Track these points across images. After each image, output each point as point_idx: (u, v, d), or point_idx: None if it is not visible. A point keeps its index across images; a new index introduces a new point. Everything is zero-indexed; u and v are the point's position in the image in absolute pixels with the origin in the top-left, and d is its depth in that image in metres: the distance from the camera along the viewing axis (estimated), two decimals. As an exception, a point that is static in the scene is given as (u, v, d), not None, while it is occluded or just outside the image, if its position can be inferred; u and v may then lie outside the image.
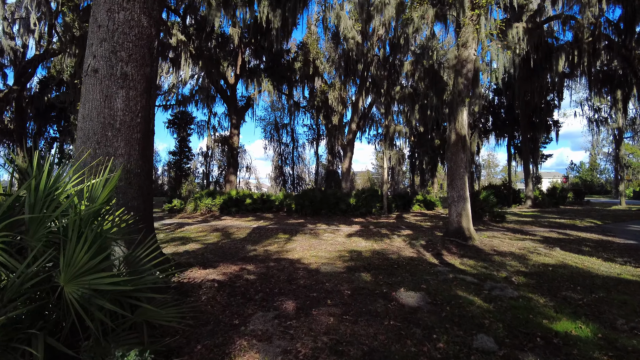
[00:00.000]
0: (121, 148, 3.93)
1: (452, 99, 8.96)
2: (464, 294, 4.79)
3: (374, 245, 8.91)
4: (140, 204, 4.09)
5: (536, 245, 8.78)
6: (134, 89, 4.01)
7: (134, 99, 4.03)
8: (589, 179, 59.97)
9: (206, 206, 18.73)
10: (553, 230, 12.24)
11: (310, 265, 6.43)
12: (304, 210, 17.20)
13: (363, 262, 6.89)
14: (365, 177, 58.71)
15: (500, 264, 6.85)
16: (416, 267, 6.54)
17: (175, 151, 39.52)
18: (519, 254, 7.79)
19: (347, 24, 20.00)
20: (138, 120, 4.06)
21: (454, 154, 8.90)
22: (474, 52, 8.90)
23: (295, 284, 4.96)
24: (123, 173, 3.91)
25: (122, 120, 3.94)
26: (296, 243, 9.34)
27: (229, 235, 11.16)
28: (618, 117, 24.31)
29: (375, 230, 11.85)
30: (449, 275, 5.82)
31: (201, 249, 8.48)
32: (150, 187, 4.36)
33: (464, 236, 8.64)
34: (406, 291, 4.81)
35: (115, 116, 3.91)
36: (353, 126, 21.40)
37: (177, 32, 20.78)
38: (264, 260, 6.86)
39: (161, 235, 11.41)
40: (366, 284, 5.18)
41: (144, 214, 4.19)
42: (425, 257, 7.51)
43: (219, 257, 7.27)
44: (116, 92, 3.91)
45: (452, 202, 8.94)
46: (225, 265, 6.06)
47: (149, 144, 4.26)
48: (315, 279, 5.31)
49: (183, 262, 5.84)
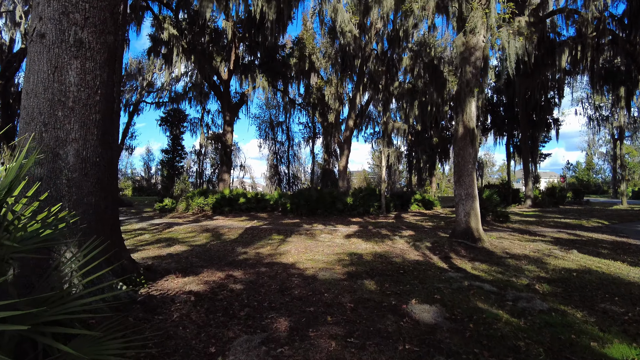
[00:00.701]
0: (75, 131, 3.19)
1: (460, 90, 8.30)
2: (486, 306, 4.11)
3: (375, 248, 8.22)
4: (99, 200, 3.36)
5: (550, 247, 8.14)
6: (91, 60, 3.27)
7: (92, 73, 3.29)
8: (585, 178, 59.87)
9: (198, 205, 17.93)
10: (561, 230, 11.64)
11: (306, 270, 5.71)
12: (299, 210, 16.48)
13: (365, 266, 6.19)
14: (361, 176, 58.15)
15: (517, 268, 6.19)
16: (424, 272, 5.85)
17: (168, 149, 38.60)
18: (534, 257, 7.14)
19: (344, 17, 19.27)
20: (97, 98, 3.32)
21: (462, 148, 8.23)
22: (483, 39, 8.24)
23: (288, 295, 4.24)
24: (77, 162, 3.18)
25: (76, 97, 3.20)
26: (291, 245, 8.62)
27: (219, 236, 10.41)
28: (620, 115, 23.89)
29: (375, 231, 11.16)
30: (464, 283, 5.13)
31: (186, 252, 7.73)
32: (113, 180, 3.63)
33: (472, 237, 7.97)
34: (419, 303, 4.11)
35: (67, 92, 3.17)
36: (350, 123, 20.72)
37: (169, 26, 20.00)
38: (255, 265, 6.13)
39: (147, 236, 10.65)
40: (371, 294, 4.47)
41: (105, 212, 3.45)
42: (433, 261, 6.83)
43: (204, 262, 6.53)
44: (69, 62, 3.17)
45: (459, 201, 8.27)
46: (209, 271, 5.32)
47: (111, 128, 3.52)
48: (312, 288, 4.60)
49: (159, 268, 5.09)
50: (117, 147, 3.61)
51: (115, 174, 3.66)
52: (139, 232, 11.36)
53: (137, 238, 10.29)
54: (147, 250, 8.07)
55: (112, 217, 3.60)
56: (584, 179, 59.78)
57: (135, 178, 52.72)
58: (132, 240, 9.81)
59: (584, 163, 62.69)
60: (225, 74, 23.60)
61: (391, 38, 19.90)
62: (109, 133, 3.49)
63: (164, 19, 20.38)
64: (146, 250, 7.98)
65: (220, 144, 25.71)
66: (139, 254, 7.43)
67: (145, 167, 53.67)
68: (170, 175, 38.20)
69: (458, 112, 8.33)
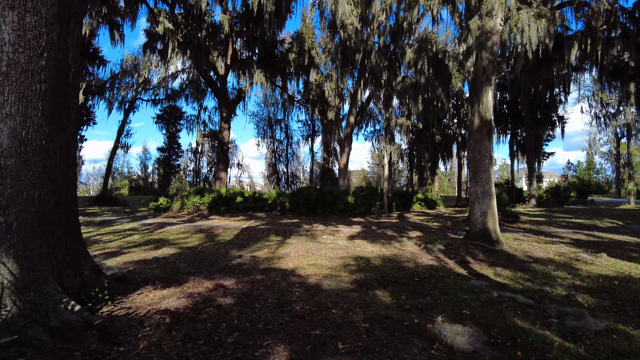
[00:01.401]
0: (10, 105, 2.46)
1: (476, 78, 7.58)
2: (527, 325, 3.38)
3: (383, 250, 7.49)
4: (45, 195, 2.61)
5: (574, 250, 7.43)
6: (34, 13, 2.54)
7: (35, 30, 2.55)
8: (586, 178, 59.36)
9: (194, 205, 17.16)
10: (577, 231, 10.95)
11: (308, 278, 4.97)
12: (298, 210, 15.74)
13: (375, 273, 5.46)
14: (360, 176, 57.53)
15: (546, 275, 5.47)
16: (443, 280, 5.12)
17: (164, 147, 37.77)
18: (560, 261, 6.43)
19: (346, 9, 18.52)
20: (42, 63, 2.59)
21: (478, 141, 7.51)
22: (500, 22, 7.53)
23: (288, 312, 3.50)
24: (14, 144, 2.44)
25: (11, 60, 2.46)
26: (290, 247, 7.89)
27: (214, 237, 9.67)
28: (628, 112, 23.23)
29: (380, 232, 10.44)
30: (492, 293, 4.41)
31: (175, 256, 6.98)
32: (68, 170, 2.87)
33: (490, 239, 7.25)
34: (447, 322, 3.38)
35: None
36: (351, 119, 19.97)
37: (165, 19, 19.23)
38: (249, 272, 5.39)
39: (136, 237, 9.92)
40: (387, 309, 3.74)
41: (55, 210, 2.71)
42: (449, 266, 6.10)
43: (193, 267, 5.79)
44: (1, 13, 2.43)
45: (475, 199, 7.55)
46: (196, 280, 4.58)
47: (65, 104, 2.77)
48: (317, 302, 3.86)
49: (137, 277, 4.33)
50: (74, 130, 2.86)
51: (71, 163, 2.91)
52: (128, 233, 10.61)
53: (125, 239, 9.55)
54: (132, 253, 7.33)
55: (66, 217, 2.85)
56: (585, 179, 59.23)
57: (132, 177, 51.94)
58: (119, 242, 9.07)
59: (585, 162, 62.21)
60: (222, 69, 22.85)
61: (394, 31, 19.16)
62: (62, 110, 2.74)
63: (159, 12, 19.63)
64: (131, 254, 7.24)
65: (217, 141, 24.95)
66: (121, 258, 6.69)
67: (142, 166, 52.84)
68: (166, 174, 37.39)
69: (473, 102, 7.61)
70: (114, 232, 10.79)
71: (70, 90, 2.85)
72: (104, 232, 10.91)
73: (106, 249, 7.76)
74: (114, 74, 26.19)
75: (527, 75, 20.98)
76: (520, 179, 56.26)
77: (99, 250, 7.61)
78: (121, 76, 27.93)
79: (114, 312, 2.92)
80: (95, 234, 10.58)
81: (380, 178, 46.50)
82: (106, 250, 7.65)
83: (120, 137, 29.50)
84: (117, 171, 55.08)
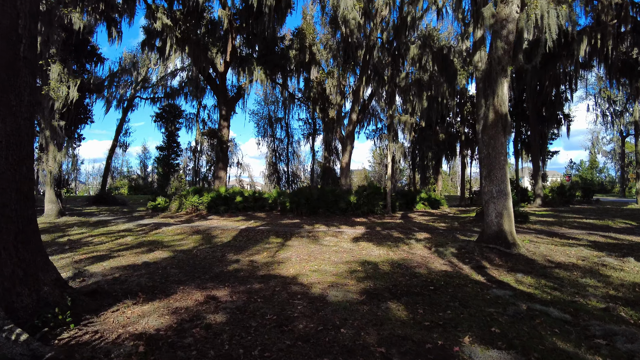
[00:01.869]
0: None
1: (490, 69, 7.05)
2: (572, 349, 2.87)
3: (391, 254, 6.97)
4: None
5: (596, 253, 6.90)
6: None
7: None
8: (589, 177, 58.80)
9: (192, 204, 16.65)
10: (591, 232, 10.42)
11: (311, 288, 4.46)
12: (299, 209, 15.22)
13: (384, 281, 4.94)
14: (361, 175, 56.95)
15: (573, 283, 4.95)
16: (461, 289, 4.61)
17: (163, 146, 37.24)
18: (585, 266, 5.91)
19: (348, 3, 17.96)
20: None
21: (492, 137, 6.98)
22: (516, 9, 6.99)
23: (290, 333, 2.98)
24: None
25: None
26: (291, 250, 7.37)
27: (210, 239, 9.16)
28: (635, 109, 22.66)
29: (385, 233, 9.92)
30: (520, 306, 3.89)
31: (166, 260, 6.47)
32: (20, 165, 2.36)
33: (506, 242, 6.74)
34: (476, 344, 2.87)
35: None
36: (353, 116, 19.44)
37: (163, 15, 18.69)
38: (246, 279, 4.88)
39: (129, 238, 9.42)
40: (404, 327, 3.23)
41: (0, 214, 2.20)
42: (465, 272, 5.59)
43: (184, 274, 5.28)
44: None
45: (489, 199, 7.03)
46: (185, 290, 4.07)
47: (13, 82, 2.26)
48: (322, 319, 3.35)
49: (118, 288, 3.82)
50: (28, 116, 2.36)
51: (24, 156, 2.40)
52: (122, 234, 10.12)
53: (117, 241, 9.05)
54: (121, 257, 6.82)
55: (15, 222, 2.35)
56: (588, 178, 58.66)
57: (131, 176, 51.55)
58: (110, 244, 8.58)
59: (587, 161, 61.66)
60: (222, 66, 22.31)
61: (397, 26, 18.62)
62: (9, 90, 2.23)
63: (156, 8, 19.10)
64: (120, 258, 6.74)
65: (216, 139, 24.45)
66: (108, 263, 6.18)
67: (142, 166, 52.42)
68: (165, 173, 36.88)
69: (488, 95, 7.08)
70: (107, 234, 10.30)
71: (22, 67, 2.33)
72: (97, 233, 10.42)
73: (95, 253, 7.26)
74: (112, 72, 25.65)
75: (533, 72, 20.44)
76: (523, 178, 55.72)
77: (86, 254, 7.11)
78: (120, 74, 27.38)
79: (75, 339, 2.37)
80: (87, 235, 10.09)
81: (382, 177, 45.92)
82: (94, 253, 7.14)
83: (118, 136, 29.01)
84: (117, 170, 54.61)
